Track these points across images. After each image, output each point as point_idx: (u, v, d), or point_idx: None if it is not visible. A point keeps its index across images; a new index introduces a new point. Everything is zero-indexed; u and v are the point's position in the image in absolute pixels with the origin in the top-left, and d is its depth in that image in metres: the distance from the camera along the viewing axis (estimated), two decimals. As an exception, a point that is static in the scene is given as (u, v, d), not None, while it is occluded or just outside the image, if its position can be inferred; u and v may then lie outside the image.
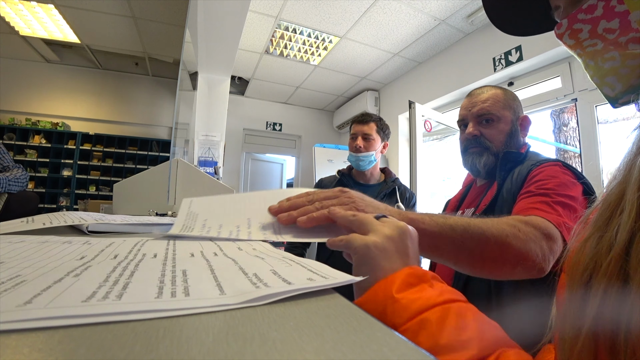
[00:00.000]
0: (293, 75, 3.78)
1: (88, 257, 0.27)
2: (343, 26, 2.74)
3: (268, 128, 4.66)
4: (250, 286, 0.18)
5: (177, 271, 0.22)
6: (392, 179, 1.47)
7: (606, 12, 0.32)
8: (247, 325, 0.14)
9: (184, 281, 0.19)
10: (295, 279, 0.20)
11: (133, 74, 4.28)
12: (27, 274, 0.19)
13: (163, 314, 0.14)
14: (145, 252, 0.30)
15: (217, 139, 3.15)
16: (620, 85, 0.33)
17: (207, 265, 0.24)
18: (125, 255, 0.28)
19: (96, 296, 0.15)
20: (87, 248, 0.31)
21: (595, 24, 0.33)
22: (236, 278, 0.20)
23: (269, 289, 0.18)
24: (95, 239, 0.37)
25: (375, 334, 0.14)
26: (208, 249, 0.33)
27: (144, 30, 3.09)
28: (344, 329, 0.14)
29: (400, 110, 3.57)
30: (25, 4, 2.72)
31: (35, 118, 3.82)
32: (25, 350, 0.11)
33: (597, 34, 0.33)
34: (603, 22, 0.32)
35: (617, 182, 0.24)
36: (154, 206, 1.19)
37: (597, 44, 0.33)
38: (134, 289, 0.17)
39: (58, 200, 3.76)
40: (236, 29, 2.47)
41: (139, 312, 0.14)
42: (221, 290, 0.17)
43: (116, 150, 3.96)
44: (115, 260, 0.26)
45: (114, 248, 0.32)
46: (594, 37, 0.33)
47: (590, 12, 0.33)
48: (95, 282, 0.18)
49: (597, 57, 0.34)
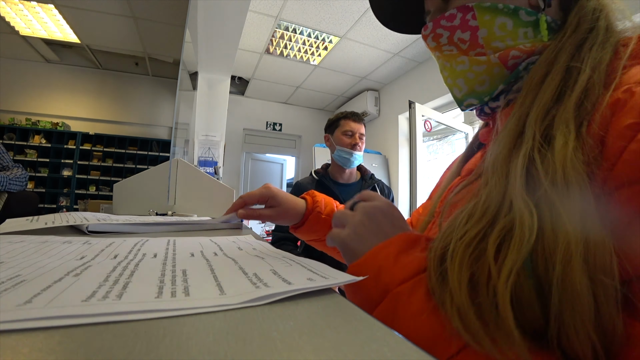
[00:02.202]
0: (293, 75, 3.78)
1: (88, 256, 0.27)
2: (343, 26, 2.74)
3: (268, 128, 4.65)
4: (250, 286, 0.18)
5: (177, 271, 0.22)
6: (369, 176, 1.44)
7: (462, 24, 0.35)
8: (247, 325, 0.14)
9: (184, 281, 0.19)
10: (295, 279, 0.20)
11: (133, 74, 4.28)
12: (26, 274, 0.19)
13: (163, 314, 0.14)
14: (145, 252, 0.30)
15: (217, 139, 3.15)
16: (466, 87, 0.37)
17: (207, 265, 0.25)
18: (125, 255, 0.28)
19: (96, 296, 0.15)
20: (87, 248, 0.31)
21: (452, 32, 0.36)
22: (236, 278, 0.20)
23: (268, 289, 0.18)
24: (95, 239, 0.37)
25: (375, 334, 0.14)
26: (208, 249, 0.33)
27: (144, 30, 3.09)
28: (344, 329, 0.14)
29: (400, 110, 3.57)
30: (25, 3, 2.72)
31: (35, 118, 3.82)
32: (25, 350, 0.11)
33: (453, 42, 0.36)
34: (458, 32, 0.35)
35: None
36: (154, 206, 1.19)
37: (453, 50, 0.37)
38: (134, 289, 0.17)
39: (58, 200, 3.76)
40: (236, 29, 2.47)
41: (139, 312, 0.14)
42: (221, 290, 0.18)
43: (116, 150, 3.96)
44: (115, 260, 0.26)
45: (114, 248, 0.32)
46: (451, 43, 0.37)
47: (450, 21, 0.36)
48: (95, 282, 0.18)
49: (451, 60, 0.37)
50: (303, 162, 4.77)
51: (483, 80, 0.35)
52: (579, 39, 0.30)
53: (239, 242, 0.40)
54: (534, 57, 0.33)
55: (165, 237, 0.42)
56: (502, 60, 0.34)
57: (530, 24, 0.33)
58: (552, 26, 0.34)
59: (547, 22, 0.33)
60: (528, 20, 0.33)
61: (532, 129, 0.27)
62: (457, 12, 0.35)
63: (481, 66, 0.35)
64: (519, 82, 0.34)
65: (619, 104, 0.24)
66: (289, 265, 0.25)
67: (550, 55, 0.31)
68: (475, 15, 0.34)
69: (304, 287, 0.19)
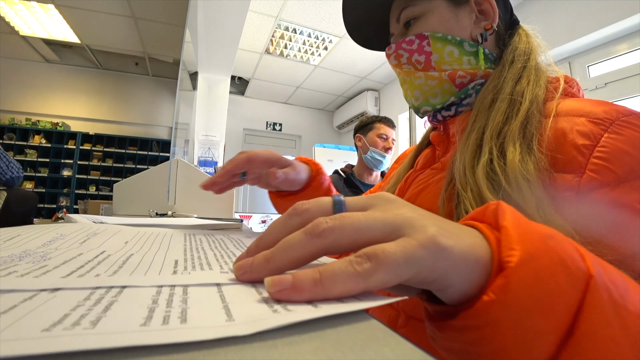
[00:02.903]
0: (293, 75, 3.78)
1: (81, 258, 0.24)
2: (343, 26, 2.74)
3: (268, 128, 4.66)
4: (266, 309, 0.15)
5: (176, 288, 0.18)
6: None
7: (419, 48, 0.42)
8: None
9: (182, 301, 0.16)
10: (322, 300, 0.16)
11: (133, 74, 4.29)
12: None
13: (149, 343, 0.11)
14: (146, 255, 0.28)
15: (217, 139, 3.15)
16: (421, 97, 0.44)
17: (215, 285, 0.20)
18: (119, 254, 0.25)
19: (64, 322, 0.12)
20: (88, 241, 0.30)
21: (411, 54, 0.43)
22: (248, 298, 0.16)
23: (289, 315, 0.14)
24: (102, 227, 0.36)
25: (375, 334, 0.13)
26: (212, 253, 0.30)
27: (144, 30, 3.09)
28: (344, 329, 0.14)
29: (400, 110, 3.57)
30: (25, 4, 2.72)
31: (35, 118, 3.82)
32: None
33: (412, 62, 0.44)
34: (416, 54, 0.43)
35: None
36: (154, 206, 1.19)
37: (411, 68, 0.44)
38: (119, 311, 0.13)
39: (58, 200, 3.76)
40: (236, 29, 2.47)
41: (112, 349, 0.11)
42: (229, 314, 0.14)
43: (116, 150, 3.97)
44: (104, 261, 0.22)
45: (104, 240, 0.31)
46: (409, 63, 0.44)
47: (409, 45, 0.43)
48: (73, 301, 0.14)
49: (410, 75, 0.44)
50: (303, 162, 4.77)
51: (436, 92, 0.43)
52: (516, 74, 0.39)
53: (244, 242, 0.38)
54: (479, 81, 0.42)
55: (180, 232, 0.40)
56: (451, 78, 0.42)
57: (472, 53, 0.42)
58: (489, 57, 0.42)
59: (484, 54, 0.42)
60: (470, 51, 0.42)
61: (488, 144, 0.34)
62: (415, 39, 0.42)
63: (434, 81, 0.42)
64: (468, 99, 0.43)
65: (565, 131, 0.32)
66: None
67: (496, 84, 0.39)
68: (429, 43, 0.42)
69: (333, 312, 0.14)
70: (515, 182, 0.30)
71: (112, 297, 0.15)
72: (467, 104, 0.43)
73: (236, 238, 0.40)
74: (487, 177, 0.32)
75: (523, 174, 0.30)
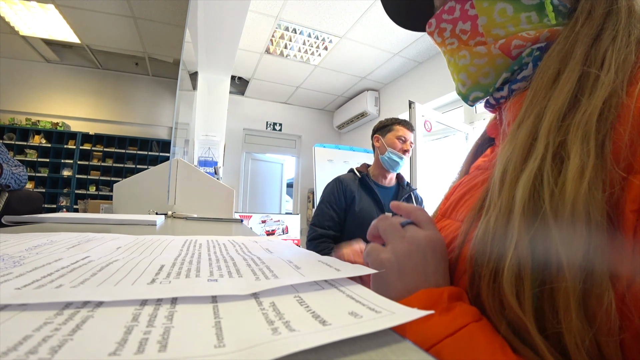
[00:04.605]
0: (293, 75, 3.78)
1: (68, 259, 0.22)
2: (343, 26, 2.74)
3: (268, 128, 4.66)
4: (265, 330, 0.13)
5: (163, 300, 0.15)
6: (405, 183, 1.47)
7: (462, 15, 0.34)
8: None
9: (167, 318, 0.13)
10: (333, 315, 0.14)
11: (133, 74, 4.28)
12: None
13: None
14: (145, 257, 0.26)
15: (217, 139, 3.15)
16: (469, 81, 0.35)
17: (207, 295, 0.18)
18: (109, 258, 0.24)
19: (20, 349, 0.10)
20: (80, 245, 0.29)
21: (454, 25, 0.35)
22: (244, 314, 0.14)
23: (292, 339, 0.12)
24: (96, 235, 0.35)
25: (375, 333, 0.13)
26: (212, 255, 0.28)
27: (144, 30, 3.09)
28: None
29: (400, 110, 3.57)
30: (25, 4, 2.72)
31: (35, 118, 3.82)
32: None
33: (455, 34, 0.35)
34: (460, 23, 0.34)
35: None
36: (154, 206, 1.19)
37: (455, 42, 0.35)
38: (88, 333, 0.11)
39: (58, 200, 3.76)
40: (236, 29, 2.47)
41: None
42: (219, 336, 0.12)
43: (116, 150, 3.96)
44: (79, 269, 0.20)
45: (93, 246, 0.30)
46: (453, 36, 0.35)
47: (450, 13, 0.35)
48: (40, 317, 0.12)
49: (454, 55, 0.35)
50: (303, 162, 4.77)
51: (487, 72, 0.33)
52: (595, 27, 0.26)
53: (254, 243, 0.36)
54: (539, 45, 0.30)
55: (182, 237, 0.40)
56: (504, 51, 0.31)
57: (533, 7, 0.30)
58: (560, 9, 0.30)
59: (552, 4, 0.30)
60: (530, 4, 0.30)
61: (544, 140, 0.23)
62: (455, 4, 0.34)
63: (482, 59, 0.33)
64: (523, 71, 0.32)
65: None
66: (321, 289, 0.19)
67: (562, 48, 0.27)
68: (473, 4, 0.33)
69: (347, 335, 0.12)
70: (569, 218, 0.20)
71: (88, 311, 0.13)
72: (522, 78, 0.32)
73: (240, 242, 0.38)
74: (531, 196, 0.22)
75: (586, 210, 0.19)
